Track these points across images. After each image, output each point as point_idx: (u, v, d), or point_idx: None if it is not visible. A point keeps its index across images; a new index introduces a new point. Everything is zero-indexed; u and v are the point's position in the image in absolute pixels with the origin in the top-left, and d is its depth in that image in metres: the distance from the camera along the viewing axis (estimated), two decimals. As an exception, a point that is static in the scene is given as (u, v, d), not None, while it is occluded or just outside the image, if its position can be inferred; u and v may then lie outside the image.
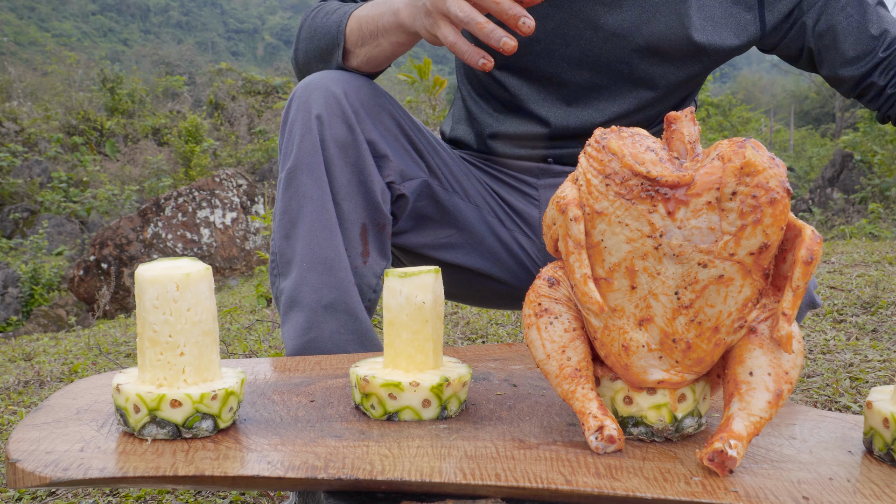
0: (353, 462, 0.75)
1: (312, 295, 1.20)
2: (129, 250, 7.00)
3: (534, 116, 1.44)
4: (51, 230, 10.62)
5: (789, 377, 0.76)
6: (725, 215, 0.70)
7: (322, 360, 1.13)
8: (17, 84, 18.01)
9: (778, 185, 0.69)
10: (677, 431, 0.82)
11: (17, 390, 2.45)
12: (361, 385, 0.89)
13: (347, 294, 1.21)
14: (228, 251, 7.38)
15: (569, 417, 0.90)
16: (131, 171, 14.61)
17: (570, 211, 0.75)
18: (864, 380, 1.93)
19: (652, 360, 0.78)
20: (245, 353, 2.79)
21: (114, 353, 3.20)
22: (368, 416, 0.89)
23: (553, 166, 1.50)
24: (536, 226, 1.51)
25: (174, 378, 0.82)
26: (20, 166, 13.21)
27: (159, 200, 7.39)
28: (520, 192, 1.51)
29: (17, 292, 7.75)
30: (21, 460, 0.74)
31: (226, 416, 0.83)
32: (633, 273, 0.75)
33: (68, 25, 57.76)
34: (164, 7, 73.29)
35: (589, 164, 0.75)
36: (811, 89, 27.86)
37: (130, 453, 0.77)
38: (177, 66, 28.34)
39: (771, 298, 0.76)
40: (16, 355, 3.53)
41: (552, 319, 0.82)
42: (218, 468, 0.73)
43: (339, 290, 1.20)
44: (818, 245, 0.71)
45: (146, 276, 0.81)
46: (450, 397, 0.89)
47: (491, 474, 0.72)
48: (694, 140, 0.76)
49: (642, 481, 0.72)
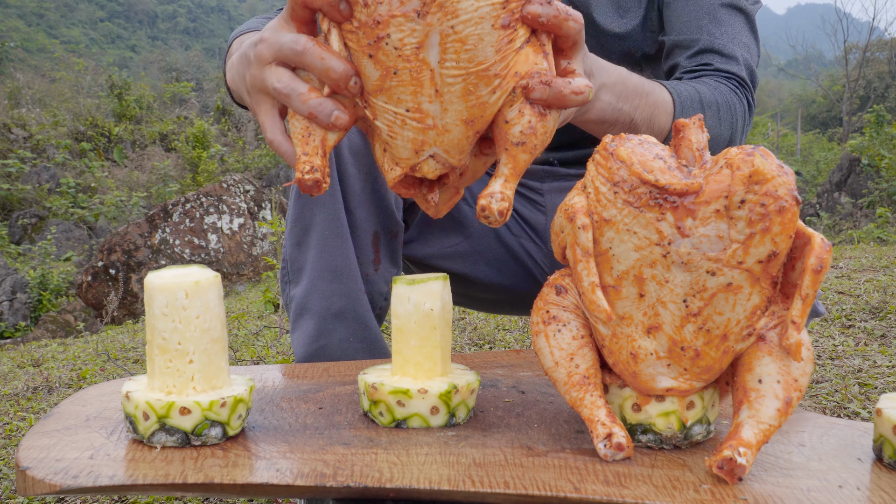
0: (362, 470, 0.75)
1: (322, 303, 1.20)
2: (136, 256, 7.02)
3: None
4: (59, 236, 10.65)
5: (798, 385, 0.76)
6: (734, 223, 0.70)
7: (330, 367, 1.13)
8: (25, 91, 18.10)
9: (787, 194, 0.69)
10: (686, 439, 0.82)
11: (25, 396, 2.46)
12: (370, 392, 0.89)
13: (357, 302, 1.21)
14: (236, 257, 7.39)
15: (577, 425, 0.89)
16: (139, 177, 14.65)
17: (578, 219, 0.76)
18: (872, 386, 1.92)
19: (660, 368, 0.78)
20: (253, 359, 2.80)
21: (122, 358, 3.21)
22: (377, 424, 0.89)
23: (558, 168, 1.49)
24: (543, 232, 1.50)
25: (183, 385, 0.82)
26: (29, 172, 13.27)
27: (167, 206, 7.41)
28: (526, 198, 1.51)
29: (26, 298, 7.77)
30: (31, 468, 0.75)
31: (235, 424, 0.83)
32: (641, 281, 0.75)
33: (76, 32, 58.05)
34: (171, 14, 73.64)
35: (597, 172, 0.75)
36: (818, 93, 27.82)
37: (140, 461, 0.77)
38: (184, 72, 28.44)
39: (780, 306, 0.76)
40: (24, 361, 3.54)
41: (560, 327, 0.82)
42: (227, 476, 0.74)
43: (348, 299, 1.21)
44: (828, 253, 0.70)
45: (155, 283, 0.81)
46: (458, 404, 0.89)
47: (500, 482, 0.72)
48: (702, 147, 0.76)
49: (651, 489, 0.71)
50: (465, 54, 0.75)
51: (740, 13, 1.30)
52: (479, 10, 0.73)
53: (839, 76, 26.42)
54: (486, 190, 0.82)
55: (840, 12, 27.92)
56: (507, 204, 0.80)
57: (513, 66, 0.78)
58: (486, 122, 0.82)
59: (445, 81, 0.77)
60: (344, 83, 0.78)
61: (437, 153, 0.83)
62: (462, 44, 0.75)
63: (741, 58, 1.29)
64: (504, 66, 0.77)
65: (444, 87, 0.78)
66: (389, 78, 0.78)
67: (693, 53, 1.28)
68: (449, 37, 0.74)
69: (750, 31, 1.31)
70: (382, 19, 0.74)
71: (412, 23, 0.74)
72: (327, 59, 0.78)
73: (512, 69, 0.78)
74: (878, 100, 21.51)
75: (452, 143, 0.82)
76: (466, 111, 0.80)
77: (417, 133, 0.81)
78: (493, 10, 0.74)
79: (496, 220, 0.80)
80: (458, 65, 0.76)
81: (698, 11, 1.28)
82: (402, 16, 0.74)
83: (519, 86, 0.79)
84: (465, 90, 0.78)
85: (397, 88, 0.78)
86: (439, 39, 0.74)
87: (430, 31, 0.74)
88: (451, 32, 0.74)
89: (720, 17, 1.28)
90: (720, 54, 1.28)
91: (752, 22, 1.33)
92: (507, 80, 0.78)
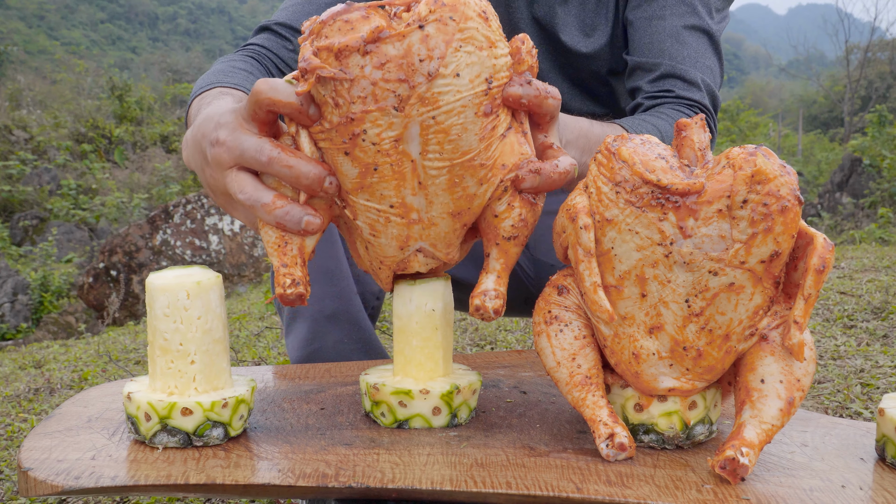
0: (364, 470, 0.75)
1: (315, 305, 1.20)
2: (138, 257, 7.02)
3: None
4: (60, 237, 10.65)
5: (801, 385, 0.75)
6: (736, 223, 0.70)
7: (332, 368, 1.13)
8: (26, 92, 18.11)
9: (789, 194, 0.69)
10: (688, 439, 0.82)
11: (27, 397, 2.46)
12: (371, 393, 0.89)
13: (350, 303, 1.21)
14: (237, 258, 7.39)
15: (579, 425, 0.89)
16: (140, 179, 14.66)
17: (580, 219, 0.75)
18: (875, 385, 1.92)
19: (662, 368, 0.78)
20: (254, 360, 2.80)
21: (123, 360, 3.21)
22: (379, 424, 0.89)
23: None
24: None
25: (185, 386, 0.82)
26: (30, 174, 13.28)
27: (168, 207, 7.41)
28: None
29: (27, 299, 7.78)
30: (33, 469, 0.75)
31: (236, 424, 0.83)
32: (643, 281, 0.75)
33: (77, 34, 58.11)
34: (172, 15, 73.68)
35: (599, 172, 0.75)
36: (819, 94, 27.81)
37: (142, 462, 0.77)
38: (185, 74, 28.44)
39: (782, 306, 0.76)
40: (26, 362, 3.54)
41: (562, 327, 0.82)
42: (229, 476, 0.74)
43: (341, 300, 1.20)
44: (830, 253, 0.70)
45: (157, 284, 0.81)
46: (460, 405, 0.89)
47: (502, 482, 0.72)
48: (704, 147, 0.76)
49: (653, 489, 0.71)
50: (449, 145, 0.73)
51: (704, 34, 1.28)
52: (461, 99, 0.71)
53: (840, 76, 26.42)
54: (478, 288, 0.81)
55: (841, 12, 27.92)
56: (501, 301, 0.81)
57: (499, 157, 0.77)
58: (474, 215, 0.80)
59: (429, 174, 0.75)
60: (318, 186, 0.74)
61: (423, 247, 0.82)
62: (445, 134, 0.73)
63: (702, 83, 1.27)
64: (489, 156, 0.76)
65: (428, 179, 0.76)
66: (370, 174, 0.75)
67: (655, 78, 1.26)
68: (431, 128, 0.72)
69: (714, 52, 1.29)
70: (357, 116, 0.71)
71: (389, 116, 0.71)
72: (296, 167, 0.73)
73: (498, 160, 0.77)
74: (879, 100, 21.51)
75: (439, 237, 0.81)
76: (453, 203, 0.78)
77: (402, 229, 0.79)
78: (476, 98, 0.72)
79: (491, 318, 0.81)
80: (442, 156, 0.74)
81: (661, 33, 1.26)
82: (378, 110, 0.71)
83: (507, 179, 0.78)
84: (451, 182, 0.76)
85: (379, 184, 0.75)
86: (420, 131, 0.72)
87: (409, 122, 0.72)
88: (433, 123, 0.72)
89: (684, 40, 1.26)
90: (682, 80, 1.26)
91: (716, 42, 1.31)
92: (493, 172, 0.77)
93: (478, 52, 0.71)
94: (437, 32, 0.69)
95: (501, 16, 1.30)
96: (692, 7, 1.27)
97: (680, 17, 1.25)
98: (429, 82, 0.70)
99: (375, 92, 0.70)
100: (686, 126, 0.76)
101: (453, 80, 0.70)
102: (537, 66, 0.77)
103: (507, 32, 1.19)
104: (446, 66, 0.70)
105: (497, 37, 0.73)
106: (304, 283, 0.77)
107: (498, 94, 0.74)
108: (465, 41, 0.70)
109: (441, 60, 0.69)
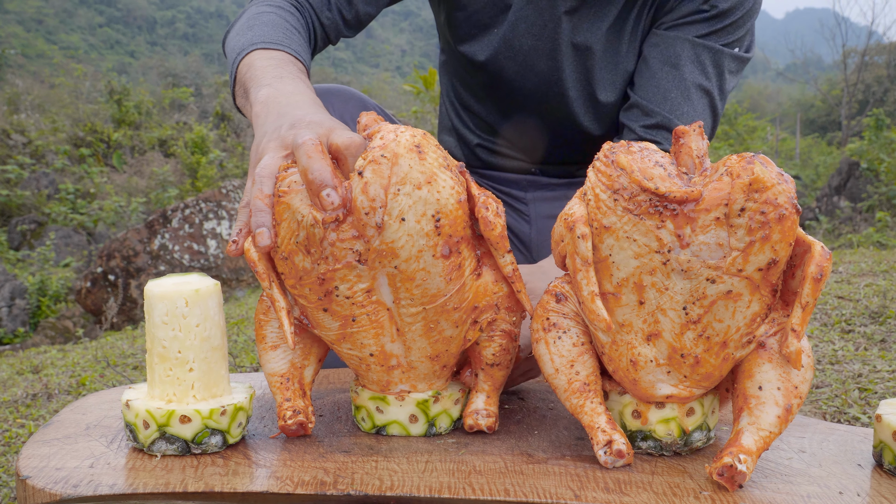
0: (363, 478, 0.75)
1: None
2: (136, 262, 7.02)
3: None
4: (58, 242, 10.64)
5: (799, 391, 0.76)
6: (734, 231, 0.70)
7: (330, 374, 1.13)
8: (24, 96, 18.09)
9: (786, 202, 0.69)
10: (686, 445, 0.82)
11: (25, 403, 2.46)
12: (353, 397, 0.90)
13: None
14: (235, 262, 7.38)
15: (577, 431, 0.89)
16: (138, 183, 14.64)
17: (577, 228, 0.76)
18: (872, 391, 1.92)
19: (660, 375, 0.78)
20: (253, 366, 2.80)
21: (121, 365, 3.20)
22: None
23: (540, 178, 1.48)
24: (528, 241, 1.49)
25: (183, 394, 0.82)
26: (28, 178, 13.26)
27: (166, 212, 7.40)
28: (510, 207, 1.50)
29: (25, 304, 7.76)
30: (31, 477, 0.74)
31: (235, 432, 0.83)
32: (641, 288, 0.75)
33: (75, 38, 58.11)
34: (170, 19, 73.68)
35: (598, 179, 0.75)
36: (817, 98, 27.86)
37: (140, 469, 0.77)
38: (183, 78, 28.44)
39: (780, 313, 0.76)
40: (23, 367, 3.53)
41: (560, 334, 0.82)
42: (227, 484, 0.74)
43: None
44: (828, 261, 0.71)
45: (155, 291, 0.81)
46: (438, 414, 0.88)
47: (500, 489, 0.72)
48: (702, 154, 0.76)
49: (651, 496, 0.71)
50: (417, 290, 0.77)
51: (706, 96, 1.27)
52: (414, 245, 0.74)
53: (838, 80, 26.44)
54: (470, 407, 0.87)
55: (838, 16, 27.98)
56: (493, 419, 0.87)
57: (472, 299, 0.81)
58: (452, 356, 0.85)
59: (405, 321, 0.79)
60: (318, 188, 0.74)
61: (403, 389, 0.86)
62: (412, 281, 0.76)
63: None
64: (462, 298, 0.80)
65: (405, 325, 0.80)
66: (349, 325, 0.80)
67: (649, 125, 1.27)
68: (396, 276, 0.76)
69: (711, 113, 1.29)
70: (326, 276, 0.76)
71: (356, 270, 0.75)
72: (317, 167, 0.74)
73: (471, 302, 0.81)
74: (876, 104, 21.53)
75: (420, 378, 0.86)
76: (430, 348, 0.82)
77: (382, 374, 0.85)
78: (430, 241, 0.74)
79: (485, 431, 0.87)
80: (414, 301, 0.78)
81: (671, 82, 1.25)
82: (344, 267, 0.75)
83: (483, 320, 0.83)
84: (427, 327, 0.80)
85: (359, 334, 0.81)
86: (388, 280, 0.76)
87: (376, 273, 0.76)
88: (397, 272, 0.75)
89: (690, 96, 1.26)
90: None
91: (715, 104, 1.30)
92: (467, 314, 0.81)
93: (416, 192, 0.73)
94: (374, 176, 0.72)
95: (545, 41, 1.31)
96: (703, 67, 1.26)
97: (692, 73, 1.25)
98: (380, 235, 0.73)
99: (335, 252, 0.74)
100: (684, 133, 0.76)
101: (401, 226, 0.73)
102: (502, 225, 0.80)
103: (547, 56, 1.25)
104: (390, 213, 0.72)
105: (436, 169, 0.74)
106: (304, 412, 0.84)
107: (452, 231, 0.76)
108: (401, 183, 0.72)
109: (384, 209, 0.72)
